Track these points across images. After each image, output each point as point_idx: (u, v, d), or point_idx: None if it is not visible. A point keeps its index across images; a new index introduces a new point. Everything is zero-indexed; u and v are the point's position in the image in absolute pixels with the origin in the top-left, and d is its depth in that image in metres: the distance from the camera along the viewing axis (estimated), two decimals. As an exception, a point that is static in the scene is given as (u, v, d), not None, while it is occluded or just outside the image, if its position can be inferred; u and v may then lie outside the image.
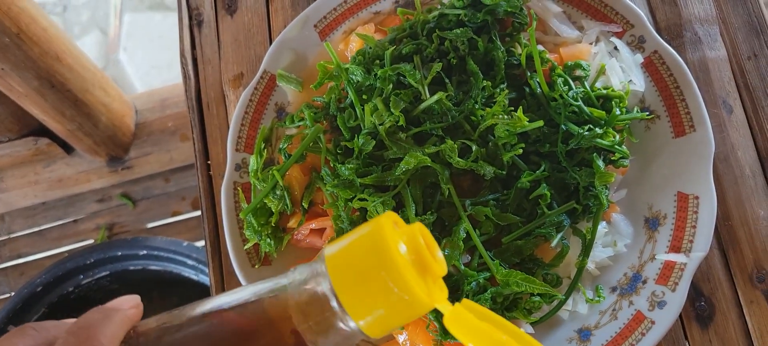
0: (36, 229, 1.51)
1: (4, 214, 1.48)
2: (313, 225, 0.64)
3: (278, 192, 0.64)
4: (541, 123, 0.57)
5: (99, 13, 2.24)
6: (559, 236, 0.58)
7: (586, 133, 0.58)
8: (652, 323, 0.57)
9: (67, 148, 1.31)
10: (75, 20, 2.28)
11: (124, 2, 2.25)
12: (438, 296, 0.34)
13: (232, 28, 0.78)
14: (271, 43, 0.75)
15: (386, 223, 0.33)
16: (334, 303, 0.32)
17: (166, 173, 1.44)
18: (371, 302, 0.32)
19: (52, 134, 1.25)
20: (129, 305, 0.35)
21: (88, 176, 1.35)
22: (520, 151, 0.58)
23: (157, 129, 1.36)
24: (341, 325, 0.33)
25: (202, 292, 1.19)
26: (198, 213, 1.47)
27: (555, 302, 0.59)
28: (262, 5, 0.78)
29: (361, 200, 0.58)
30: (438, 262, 0.35)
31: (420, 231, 0.35)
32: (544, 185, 0.58)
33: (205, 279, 1.19)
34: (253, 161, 0.67)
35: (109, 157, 1.33)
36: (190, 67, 0.77)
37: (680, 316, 0.62)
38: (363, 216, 0.59)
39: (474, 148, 0.58)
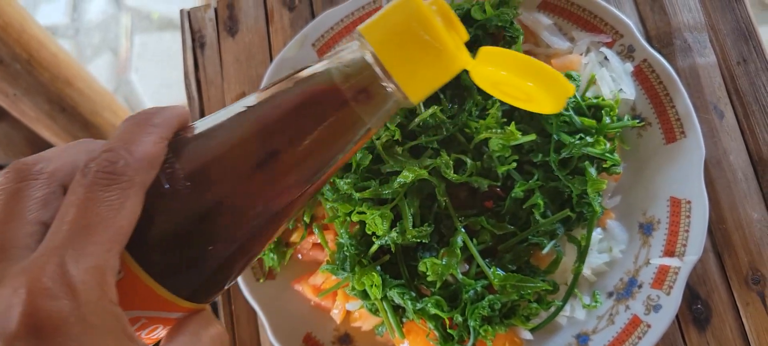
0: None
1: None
2: (315, 239, 0.66)
3: (280, 208, 0.65)
4: (533, 136, 0.59)
5: (110, 35, 2.28)
6: (552, 243, 0.59)
7: (578, 142, 0.59)
8: (649, 326, 0.58)
9: (79, 170, 1.33)
10: (87, 43, 2.32)
11: (134, 23, 2.29)
12: (465, 53, 0.36)
13: (234, 48, 0.80)
14: (271, 61, 0.77)
15: None
16: (375, 65, 0.34)
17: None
18: (407, 57, 0.34)
19: (64, 157, 1.27)
20: (182, 106, 0.36)
21: (100, 196, 1.37)
22: (515, 165, 0.59)
23: (166, 148, 1.38)
24: (384, 85, 0.35)
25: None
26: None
27: (553, 309, 0.60)
28: (263, 26, 0.80)
29: (359, 213, 0.60)
30: (461, 27, 0.37)
31: (441, 1, 0.36)
32: (538, 194, 0.60)
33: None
34: (255, 178, 0.68)
35: (120, 177, 1.35)
36: (194, 88, 0.80)
37: (678, 319, 0.63)
38: (362, 229, 0.61)
39: (469, 162, 0.59)
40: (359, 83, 0.35)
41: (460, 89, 0.63)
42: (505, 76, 0.37)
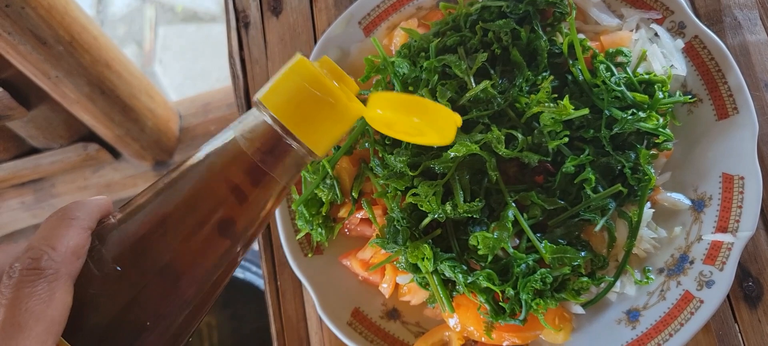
0: (84, 233, 1.55)
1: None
2: (363, 214, 0.66)
3: (328, 183, 0.66)
4: (586, 110, 0.59)
5: (135, 27, 2.30)
6: (604, 219, 0.59)
7: (630, 117, 0.59)
8: (701, 302, 0.58)
9: (115, 154, 1.35)
10: (112, 34, 2.34)
11: (158, 16, 2.30)
12: (356, 102, 0.39)
13: (278, 28, 0.80)
14: (315, 41, 0.78)
15: (300, 56, 0.39)
16: (276, 126, 0.37)
17: (209, 176, 1.47)
18: (304, 115, 0.37)
19: (101, 140, 1.29)
20: (102, 197, 0.38)
21: (135, 181, 1.39)
22: (566, 139, 0.59)
23: (200, 133, 1.40)
24: (289, 143, 0.37)
25: (248, 289, 1.22)
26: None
27: (603, 285, 0.60)
28: (306, 5, 0.80)
29: (414, 195, 0.60)
30: (350, 80, 0.40)
31: (327, 61, 0.40)
32: (589, 169, 0.59)
33: (251, 277, 1.22)
34: (303, 155, 0.69)
35: (154, 161, 1.37)
36: (238, 67, 0.80)
37: (728, 296, 0.63)
38: (413, 204, 0.61)
39: (520, 137, 0.59)
40: (265, 146, 0.37)
41: (510, 65, 0.63)
42: (394, 116, 0.40)
